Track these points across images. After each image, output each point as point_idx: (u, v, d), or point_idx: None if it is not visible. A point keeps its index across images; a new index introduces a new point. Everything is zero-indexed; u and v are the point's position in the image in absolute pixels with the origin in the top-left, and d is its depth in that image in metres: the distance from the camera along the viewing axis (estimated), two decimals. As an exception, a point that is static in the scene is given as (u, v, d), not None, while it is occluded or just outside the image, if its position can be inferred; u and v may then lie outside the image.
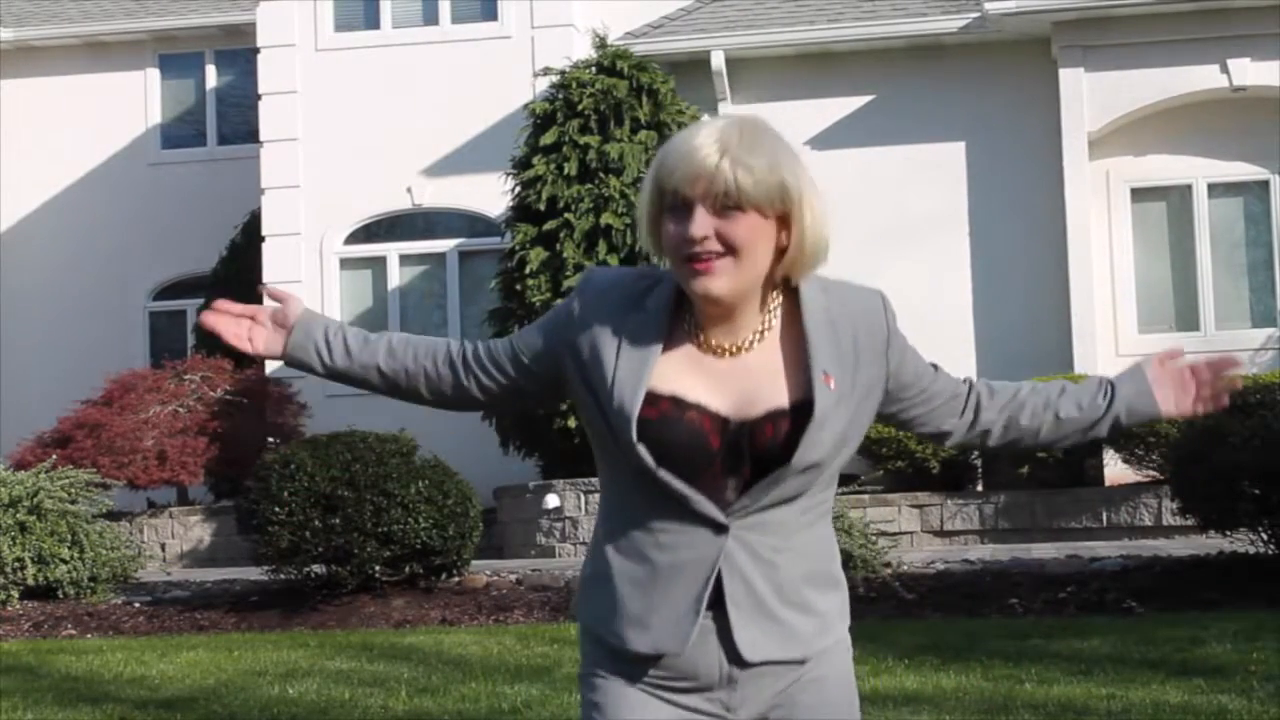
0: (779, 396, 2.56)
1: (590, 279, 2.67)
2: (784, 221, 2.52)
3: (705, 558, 2.56)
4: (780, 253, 2.54)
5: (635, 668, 2.63)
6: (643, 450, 2.53)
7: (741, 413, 2.55)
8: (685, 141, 2.52)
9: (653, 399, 2.55)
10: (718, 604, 2.57)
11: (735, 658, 2.58)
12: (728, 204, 2.48)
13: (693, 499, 2.54)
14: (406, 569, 11.08)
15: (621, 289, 2.63)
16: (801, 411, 2.54)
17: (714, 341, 2.58)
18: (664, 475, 2.53)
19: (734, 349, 2.58)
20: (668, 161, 2.53)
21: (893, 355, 2.65)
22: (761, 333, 2.59)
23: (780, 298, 2.61)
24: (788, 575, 2.60)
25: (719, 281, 2.50)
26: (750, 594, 2.57)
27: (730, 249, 2.49)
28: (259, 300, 13.92)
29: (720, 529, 2.55)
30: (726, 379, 2.57)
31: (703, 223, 2.48)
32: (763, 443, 2.53)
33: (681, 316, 2.60)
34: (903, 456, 13.66)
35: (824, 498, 2.65)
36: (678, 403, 2.55)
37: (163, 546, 15.61)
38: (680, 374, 2.57)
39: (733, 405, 2.55)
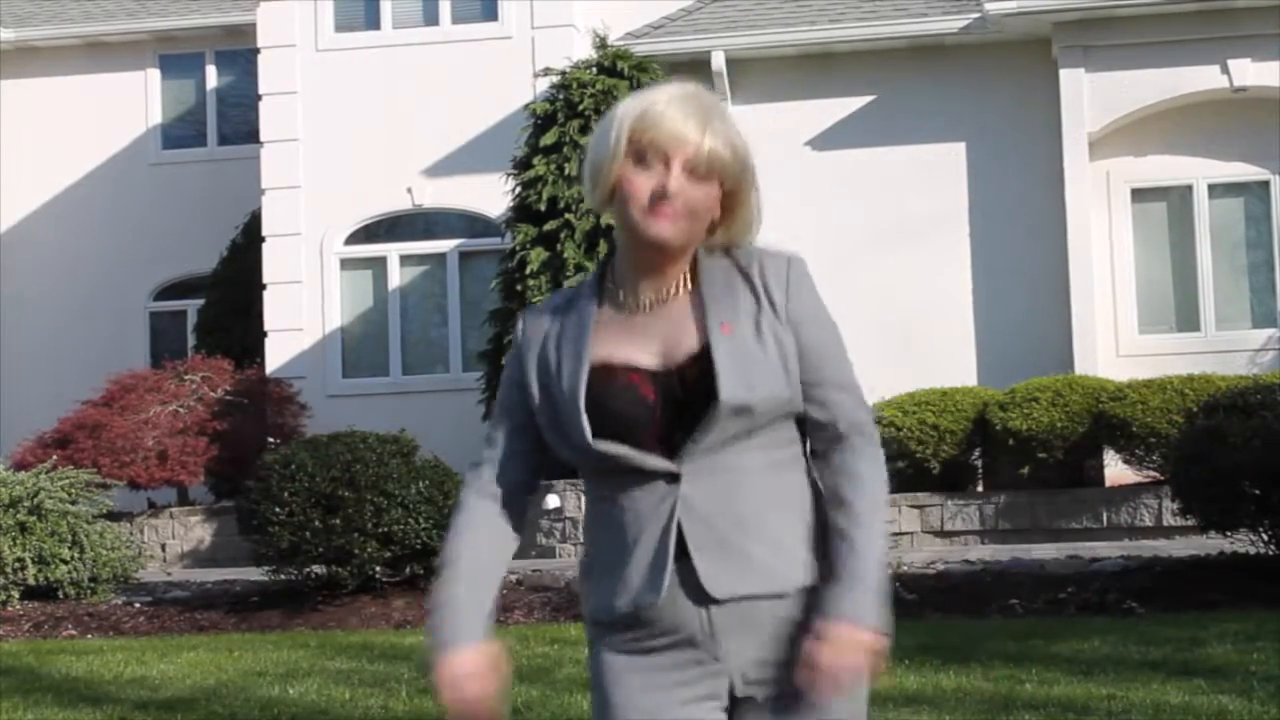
0: (693, 342, 2.67)
1: (523, 313, 2.86)
2: (730, 196, 2.69)
3: (662, 507, 2.65)
4: (712, 224, 2.70)
5: (627, 636, 2.71)
6: (586, 430, 2.64)
7: (668, 361, 2.67)
8: (663, 103, 2.69)
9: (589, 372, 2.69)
10: (685, 554, 2.65)
11: (704, 597, 2.65)
12: (699, 172, 2.64)
13: (636, 458, 2.64)
14: (407, 569, 11.09)
15: (543, 308, 2.82)
16: (708, 356, 2.65)
17: (638, 297, 2.71)
18: (601, 446, 2.64)
19: (658, 300, 2.71)
20: (643, 120, 2.66)
21: (794, 308, 2.70)
22: (681, 285, 2.72)
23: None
24: (750, 509, 2.66)
25: (674, 230, 2.64)
26: (710, 532, 2.64)
27: (691, 211, 2.64)
28: (259, 298, 13.69)
29: (672, 478, 2.64)
30: (650, 331, 2.70)
31: (679, 180, 2.63)
32: (689, 386, 2.64)
33: (604, 288, 2.76)
34: (903, 457, 13.66)
35: (787, 446, 2.71)
36: (607, 368, 2.68)
37: (163, 547, 15.61)
38: (607, 340, 2.71)
39: (659, 355, 2.68)
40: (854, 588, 2.64)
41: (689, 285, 2.72)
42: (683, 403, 2.64)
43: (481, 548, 2.78)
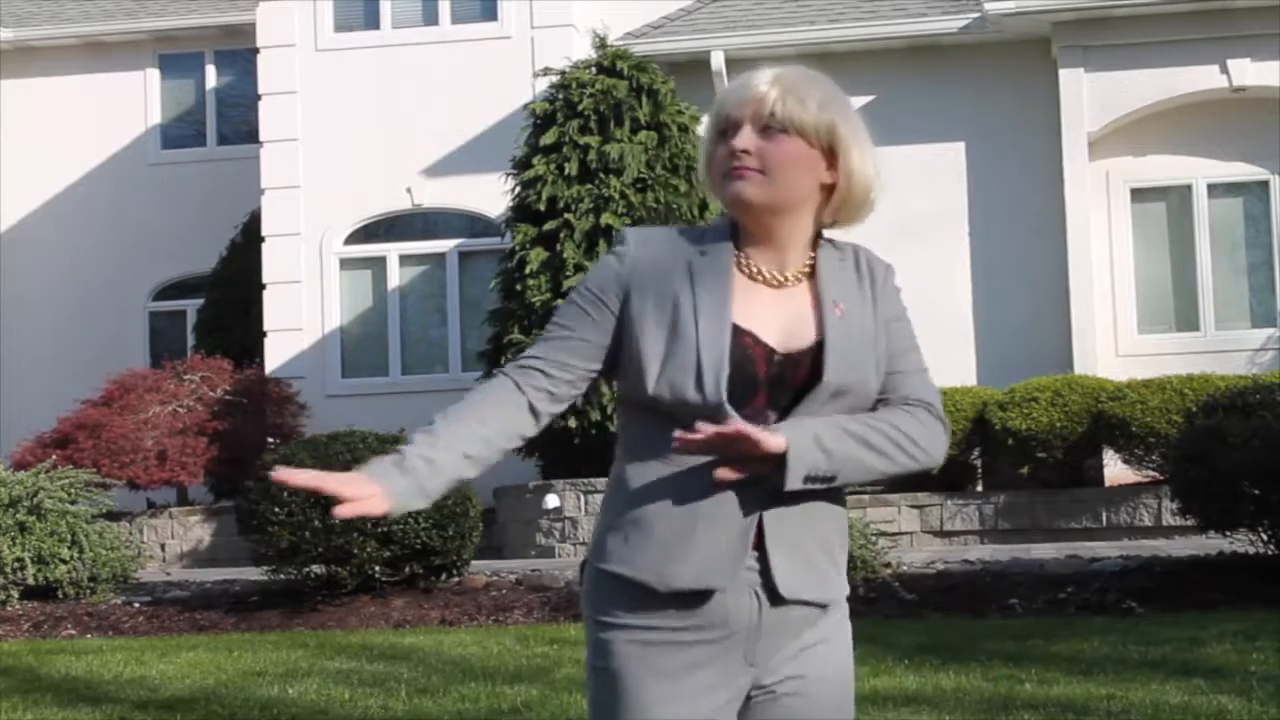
0: (812, 332, 2.63)
1: (625, 234, 2.71)
2: (831, 159, 2.67)
3: (753, 491, 2.57)
4: (828, 191, 2.69)
5: (660, 615, 2.60)
6: (724, 379, 2.55)
7: (786, 345, 2.62)
8: (743, 76, 2.70)
9: None
10: (759, 545, 2.60)
11: (771, 593, 2.59)
12: (772, 125, 2.62)
13: (755, 432, 2.52)
14: (406, 569, 11.08)
15: (664, 235, 2.71)
16: (821, 346, 2.63)
17: (763, 269, 2.66)
18: (733, 414, 2.53)
19: (782, 278, 2.66)
20: (724, 94, 2.68)
21: (886, 304, 2.73)
22: (808, 271, 2.69)
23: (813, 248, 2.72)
24: (816, 519, 2.64)
25: (749, 188, 2.61)
26: (787, 531, 2.61)
27: (767, 166, 2.62)
28: (259, 298, 13.73)
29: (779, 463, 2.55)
30: (773, 309, 2.65)
31: (747, 137, 2.61)
32: (801, 376, 2.60)
33: (738, 249, 2.68)
34: (903, 457, 13.65)
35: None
36: (736, 329, 2.61)
37: (162, 547, 15.61)
38: (737, 301, 2.63)
39: (779, 337, 2.63)
40: (816, 426, 2.56)
41: (810, 272, 2.70)
42: (787, 388, 2.61)
43: (462, 418, 2.65)
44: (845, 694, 2.74)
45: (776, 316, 2.64)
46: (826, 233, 2.77)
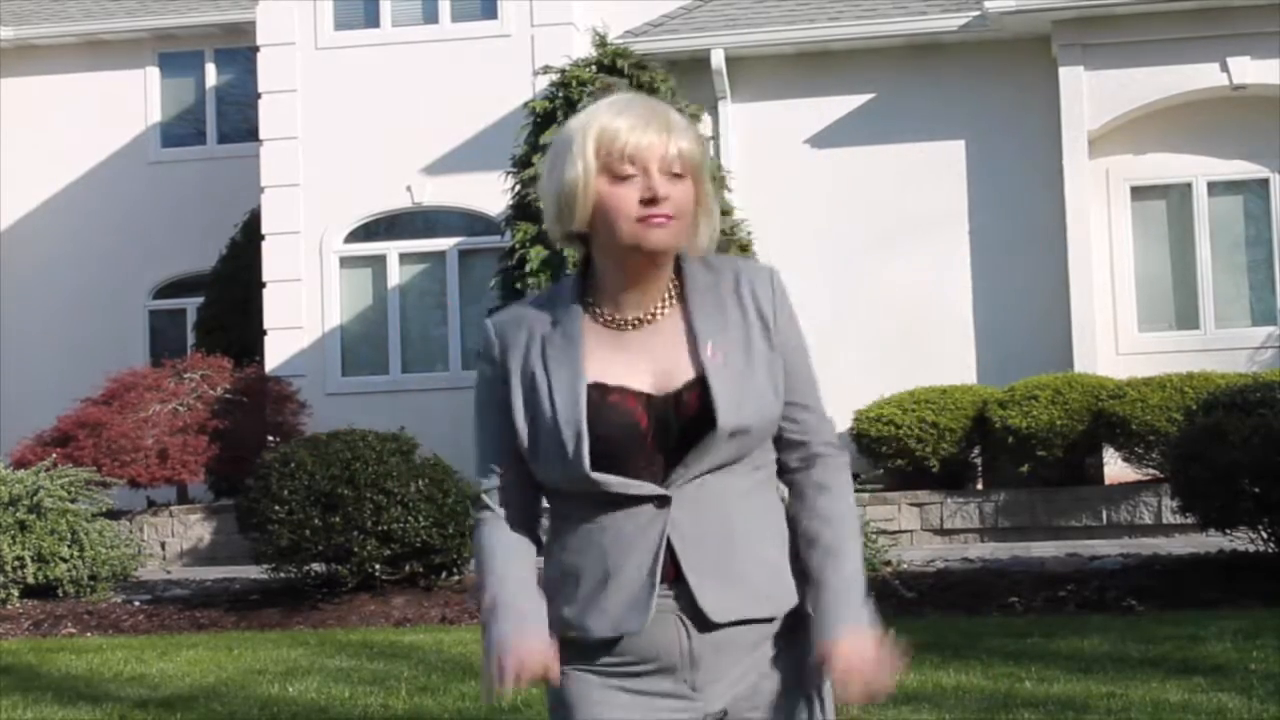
0: (689, 367, 2.62)
1: (486, 328, 2.75)
2: (698, 193, 2.67)
3: (652, 531, 2.59)
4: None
5: (597, 659, 2.65)
6: (584, 456, 2.57)
7: (662, 386, 2.61)
8: (615, 117, 2.64)
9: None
10: (676, 577, 2.59)
11: (701, 622, 2.59)
12: (674, 171, 2.61)
13: (630, 487, 2.58)
14: (406, 567, 11.08)
15: (516, 316, 2.73)
16: (705, 383, 2.61)
17: (625, 315, 2.66)
18: (599, 477, 2.57)
19: (647, 318, 2.66)
20: (609, 136, 2.62)
21: (780, 326, 2.69)
22: (667, 302, 2.68)
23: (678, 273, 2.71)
24: (740, 532, 2.63)
25: (668, 237, 2.60)
26: (704, 556, 2.60)
27: (679, 211, 2.62)
28: (259, 296, 13.74)
29: (662, 501, 2.59)
30: (641, 353, 2.64)
31: (662, 184, 2.60)
32: (686, 413, 2.59)
33: (585, 304, 2.69)
34: (902, 455, 13.67)
35: (766, 467, 2.69)
36: (600, 389, 2.60)
37: (163, 545, 15.61)
38: (596, 358, 2.63)
39: (652, 380, 2.62)
40: (851, 596, 2.64)
41: (674, 300, 2.68)
42: (674, 428, 2.59)
43: (514, 563, 2.71)
44: (815, 707, 2.70)
45: (647, 357, 2.63)
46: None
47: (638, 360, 2.63)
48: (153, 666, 9.10)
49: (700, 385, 2.59)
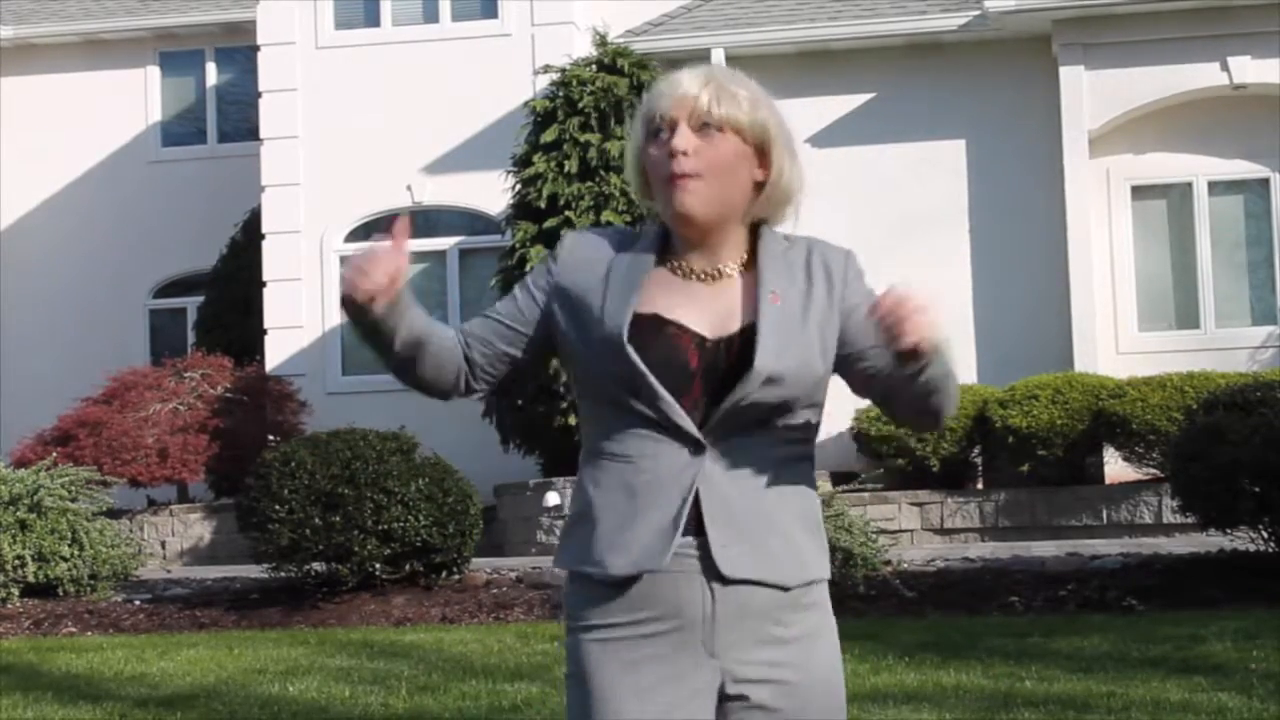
0: (745, 316, 2.64)
1: (563, 239, 2.79)
2: (762, 155, 2.66)
3: (683, 475, 2.60)
4: (758, 187, 2.67)
5: (617, 609, 2.63)
6: (631, 351, 2.58)
7: (717, 331, 2.63)
8: (670, 76, 2.69)
9: (636, 318, 2.63)
10: (699, 531, 2.60)
11: (714, 574, 2.59)
12: (708, 122, 2.62)
13: (672, 410, 2.58)
14: (407, 567, 11.08)
15: (596, 236, 2.76)
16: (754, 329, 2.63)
17: (695, 267, 2.68)
18: (649, 378, 2.58)
19: (715, 273, 2.68)
20: (653, 95, 2.67)
21: (851, 285, 2.71)
22: (741, 265, 2.69)
23: (753, 239, 2.72)
24: (767, 498, 2.63)
25: (693, 199, 2.61)
26: (729, 512, 2.60)
27: (706, 167, 2.61)
28: (259, 295, 13.71)
29: (698, 447, 2.60)
30: (705, 301, 2.66)
31: (685, 136, 2.61)
32: (731, 361, 2.61)
33: (663, 249, 2.70)
34: (903, 454, 13.67)
35: (800, 442, 2.69)
36: (657, 320, 2.63)
37: (163, 544, 15.61)
38: (662, 296, 2.66)
39: (709, 324, 2.64)
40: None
41: (746, 264, 2.69)
42: (724, 376, 2.61)
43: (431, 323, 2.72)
44: (831, 700, 2.69)
45: (707, 308, 2.65)
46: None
47: (699, 305, 2.65)
48: (153, 666, 9.10)
49: (747, 335, 2.61)
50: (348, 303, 2.61)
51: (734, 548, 2.60)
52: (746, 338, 2.62)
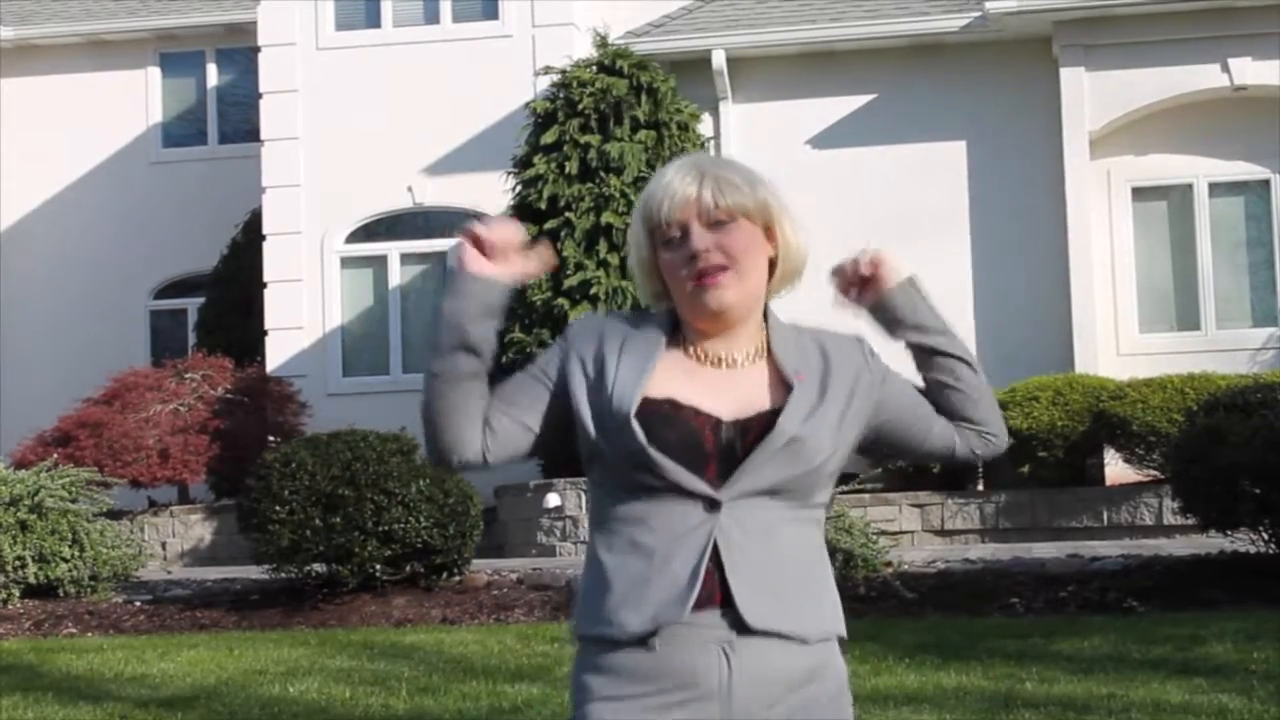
0: (768, 401, 2.64)
1: (575, 320, 2.81)
2: (768, 231, 2.69)
3: (699, 530, 2.58)
4: (771, 265, 2.71)
5: (631, 678, 2.58)
6: (637, 427, 2.57)
7: (734, 414, 2.62)
8: (660, 180, 2.69)
9: (648, 401, 2.61)
10: (720, 602, 2.56)
11: (736, 625, 2.56)
12: (718, 218, 2.63)
13: (684, 477, 2.58)
14: (407, 568, 11.08)
15: (609, 319, 2.75)
16: (776, 413, 2.63)
17: (711, 352, 2.68)
18: (654, 454, 2.57)
19: (730, 360, 2.68)
20: (651, 203, 2.69)
21: (875, 389, 2.75)
22: (757, 353, 2.70)
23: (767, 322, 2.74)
24: (785, 559, 2.62)
25: (728, 294, 2.63)
26: (747, 562, 2.58)
27: (730, 258, 2.63)
28: (260, 297, 13.68)
29: (713, 504, 2.58)
30: (721, 386, 2.65)
31: (701, 236, 2.62)
32: (751, 441, 2.60)
33: (677, 338, 2.70)
34: (903, 455, 13.65)
35: (813, 508, 2.68)
36: (673, 404, 2.61)
37: (163, 545, 15.61)
38: (676, 381, 2.64)
39: (725, 408, 2.63)
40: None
41: (762, 354, 2.70)
42: (737, 455, 2.59)
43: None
44: None
45: (724, 393, 2.65)
46: (780, 316, 2.78)
47: (715, 390, 2.65)
48: (153, 666, 9.10)
49: (771, 416, 2.61)
50: (464, 264, 2.69)
51: (754, 596, 2.57)
52: (769, 418, 2.61)
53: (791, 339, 2.72)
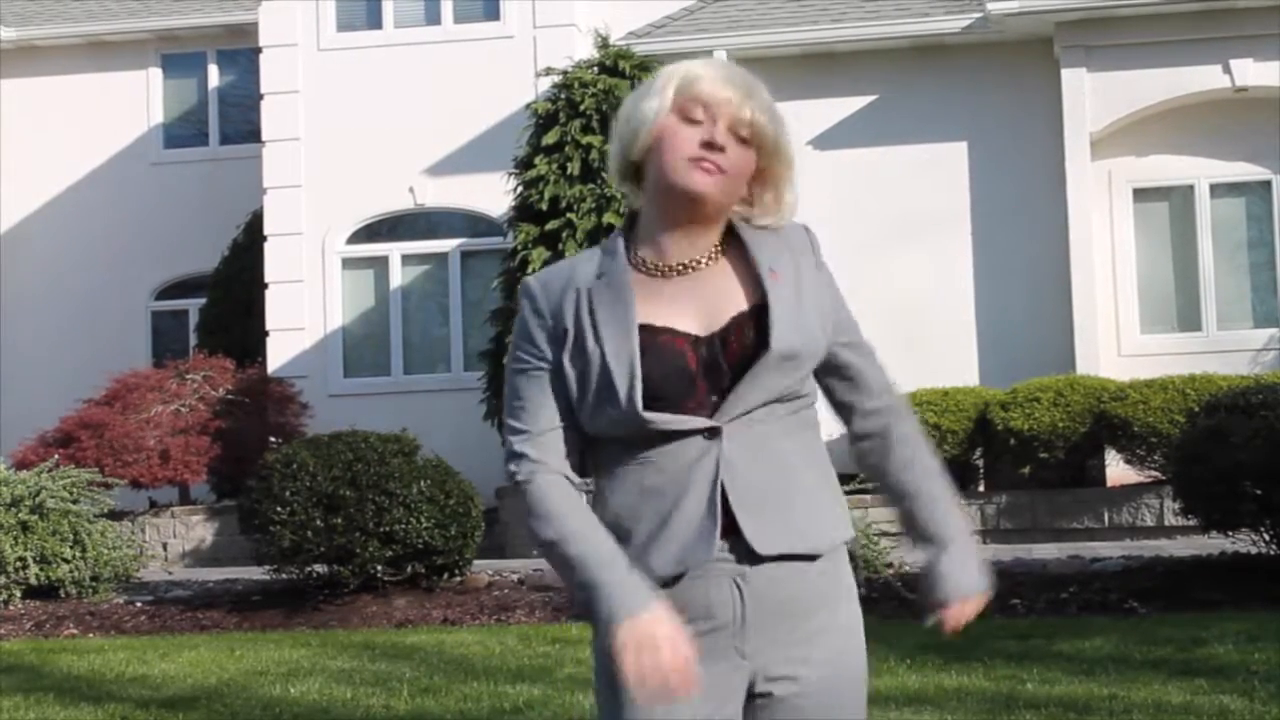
0: (739, 303, 2.66)
1: (528, 285, 2.74)
2: (761, 172, 2.71)
3: (706, 463, 2.61)
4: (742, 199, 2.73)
5: None
6: (641, 412, 2.58)
7: (709, 327, 2.64)
8: (711, 67, 2.71)
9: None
10: (729, 530, 2.60)
11: (747, 556, 2.60)
12: (742, 134, 2.67)
13: (684, 423, 2.60)
14: (408, 569, 11.08)
15: (559, 273, 2.74)
16: (761, 311, 2.64)
17: (668, 261, 2.69)
18: (652, 416, 2.59)
19: (691, 264, 2.69)
20: (693, 76, 2.69)
21: (821, 268, 2.77)
22: (713, 255, 2.71)
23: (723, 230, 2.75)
24: (787, 467, 2.66)
25: (714, 184, 2.64)
26: (752, 490, 2.62)
27: (733, 172, 2.66)
28: (261, 297, 13.76)
29: (712, 433, 2.61)
30: (685, 297, 2.67)
31: (725, 136, 2.66)
32: (735, 349, 2.63)
33: (629, 254, 2.71)
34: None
35: (808, 408, 2.72)
36: (649, 330, 2.63)
37: (164, 546, 15.62)
38: (647, 304, 2.66)
39: (697, 322, 2.65)
40: (967, 554, 2.89)
41: (720, 254, 2.71)
42: (723, 367, 2.62)
43: (588, 520, 2.65)
44: (855, 693, 2.76)
45: (691, 301, 2.66)
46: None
47: (681, 303, 2.67)
48: (155, 667, 9.11)
49: (749, 317, 2.64)
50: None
51: (762, 525, 2.61)
52: (741, 325, 2.63)
53: (758, 233, 2.73)
